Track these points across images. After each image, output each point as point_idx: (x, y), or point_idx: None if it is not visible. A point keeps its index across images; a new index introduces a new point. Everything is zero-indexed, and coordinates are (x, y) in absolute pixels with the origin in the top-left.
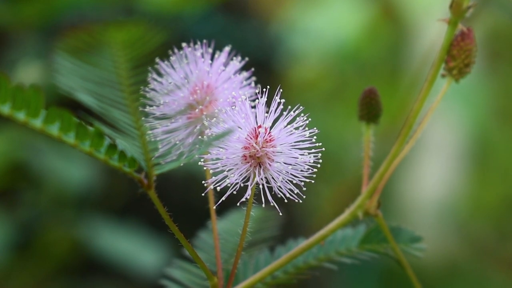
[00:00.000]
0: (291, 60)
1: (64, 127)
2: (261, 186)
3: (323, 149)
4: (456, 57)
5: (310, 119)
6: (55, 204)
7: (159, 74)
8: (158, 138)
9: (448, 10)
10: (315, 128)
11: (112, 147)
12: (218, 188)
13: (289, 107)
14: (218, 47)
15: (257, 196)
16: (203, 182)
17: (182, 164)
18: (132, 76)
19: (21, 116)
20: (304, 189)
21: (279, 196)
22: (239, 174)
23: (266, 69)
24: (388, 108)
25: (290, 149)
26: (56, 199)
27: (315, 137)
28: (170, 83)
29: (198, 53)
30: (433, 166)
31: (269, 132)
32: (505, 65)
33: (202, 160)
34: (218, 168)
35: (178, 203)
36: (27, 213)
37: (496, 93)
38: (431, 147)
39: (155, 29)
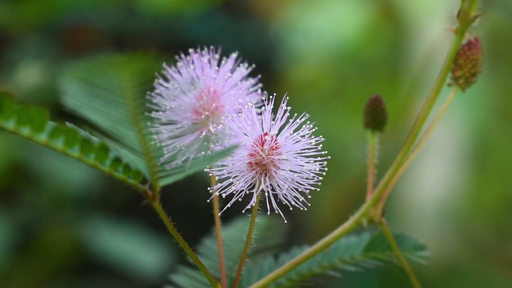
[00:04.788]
0: (291, 60)
1: (68, 141)
2: (266, 194)
3: (329, 157)
4: (462, 66)
5: (314, 125)
6: (55, 204)
7: (166, 79)
8: (163, 144)
9: (455, 19)
10: (321, 136)
11: (117, 159)
12: (223, 195)
13: (295, 114)
14: (218, 47)
15: (262, 203)
16: (208, 188)
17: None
18: (138, 98)
19: (25, 131)
20: (310, 197)
21: (284, 203)
22: (245, 181)
23: (266, 69)
24: (388, 109)
25: (296, 157)
26: (56, 199)
27: (321, 145)
28: (177, 88)
29: (205, 59)
30: (433, 166)
31: (275, 140)
32: (506, 65)
33: (207, 166)
34: (223, 174)
35: (181, 205)
36: (27, 213)
37: (496, 93)
38: (431, 147)
39: (161, 58)
